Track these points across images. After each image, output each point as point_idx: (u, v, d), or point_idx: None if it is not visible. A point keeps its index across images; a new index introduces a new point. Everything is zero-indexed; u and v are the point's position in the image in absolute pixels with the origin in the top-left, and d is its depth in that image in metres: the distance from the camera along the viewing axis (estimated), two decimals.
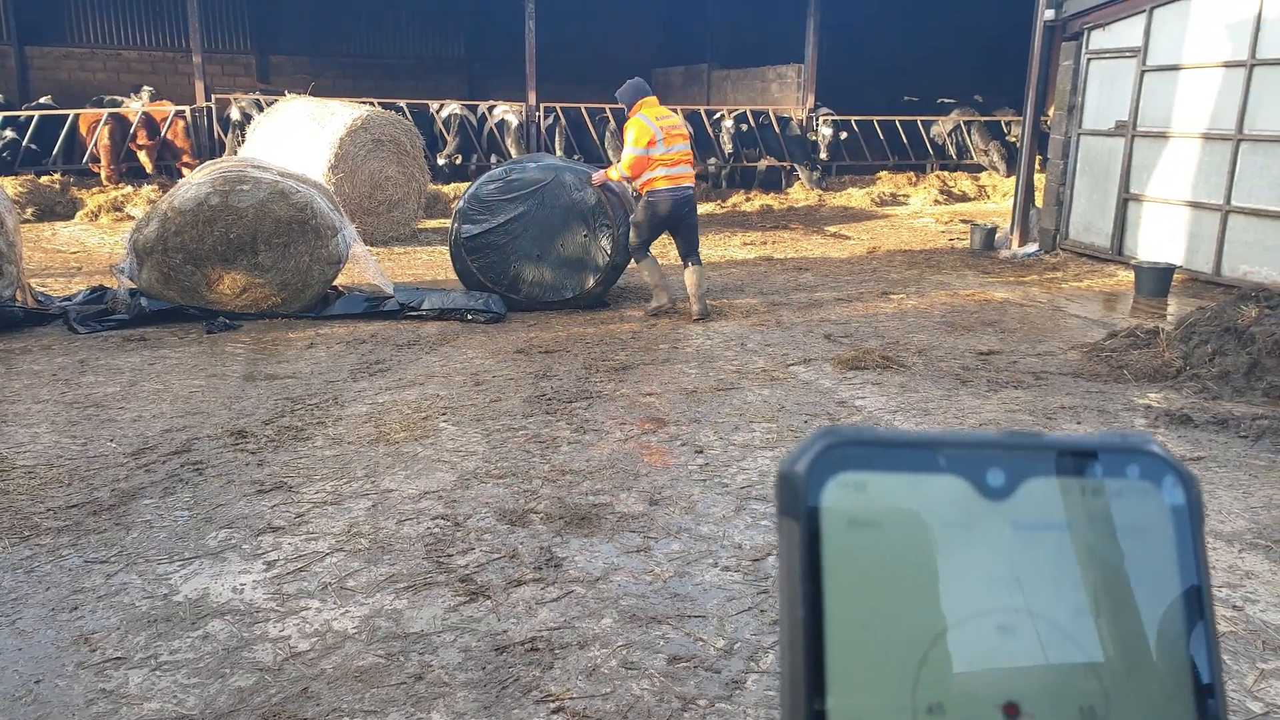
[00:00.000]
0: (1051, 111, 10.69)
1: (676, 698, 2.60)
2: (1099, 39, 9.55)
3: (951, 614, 0.34)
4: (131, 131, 12.52)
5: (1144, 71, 9.04)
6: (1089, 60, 9.70)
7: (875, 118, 15.88)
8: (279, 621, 2.98)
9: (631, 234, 7.07)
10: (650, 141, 6.75)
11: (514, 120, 13.97)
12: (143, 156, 12.57)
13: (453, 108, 14.08)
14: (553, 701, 2.58)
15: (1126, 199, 9.36)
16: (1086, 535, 0.35)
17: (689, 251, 7.07)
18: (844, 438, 0.35)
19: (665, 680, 2.68)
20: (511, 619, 2.98)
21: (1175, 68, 8.73)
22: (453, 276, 7.75)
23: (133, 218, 10.63)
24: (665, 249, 8.50)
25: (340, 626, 2.95)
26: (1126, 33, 9.20)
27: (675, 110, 15.24)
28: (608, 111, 14.55)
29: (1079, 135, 9.94)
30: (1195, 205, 8.60)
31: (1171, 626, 0.35)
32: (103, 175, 12.28)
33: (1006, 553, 0.34)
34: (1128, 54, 9.20)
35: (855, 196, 14.77)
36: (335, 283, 7.36)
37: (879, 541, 0.34)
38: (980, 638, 0.34)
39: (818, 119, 15.42)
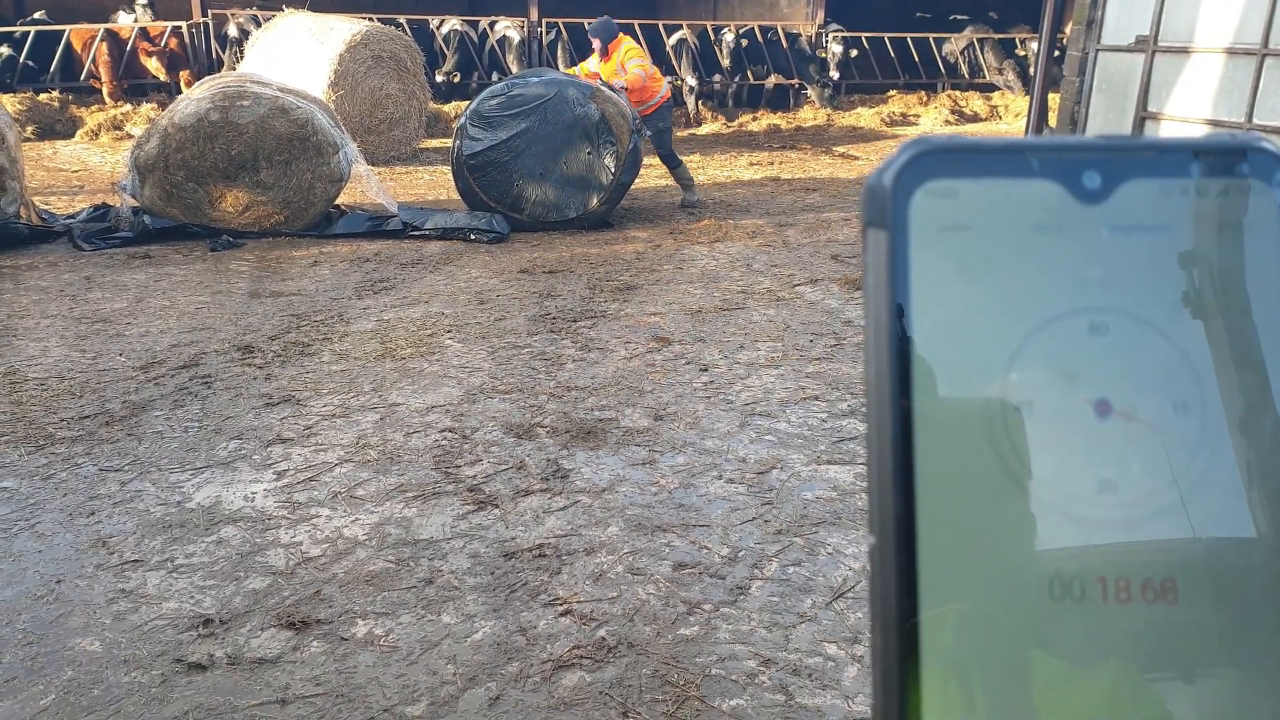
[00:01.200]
0: (1069, 27, 10.43)
1: (682, 602, 2.66)
2: None
3: (1042, 314, 0.33)
4: (131, 45, 12.28)
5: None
6: None
7: (886, 35, 15.50)
8: (290, 528, 3.04)
9: (668, 142, 8.22)
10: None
11: (515, 36, 13.66)
12: (154, 65, 12.32)
13: (453, 23, 13.76)
14: (560, 605, 2.65)
15: (1144, 118, 9.18)
16: (1189, 234, 0.34)
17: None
18: (933, 145, 0.34)
19: (670, 585, 2.74)
20: (520, 527, 3.04)
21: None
22: (455, 196, 7.68)
23: (133, 136, 10.51)
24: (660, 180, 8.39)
25: (351, 533, 3.01)
26: None
27: (681, 24, 14.90)
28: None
29: (1097, 51, 9.70)
30: (1215, 124, 8.43)
31: (1269, 325, 0.33)
32: (105, 92, 12.10)
33: (1101, 254, 0.33)
34: None
35: (865, 116, 14.51)
36: (338, 201, 7.30)
37: (970, 244, 0.33)
38: (1072, 337, 0.33)
39: (827, 35, 15.06)
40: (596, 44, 7.98)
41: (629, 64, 7.81)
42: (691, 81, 14.05)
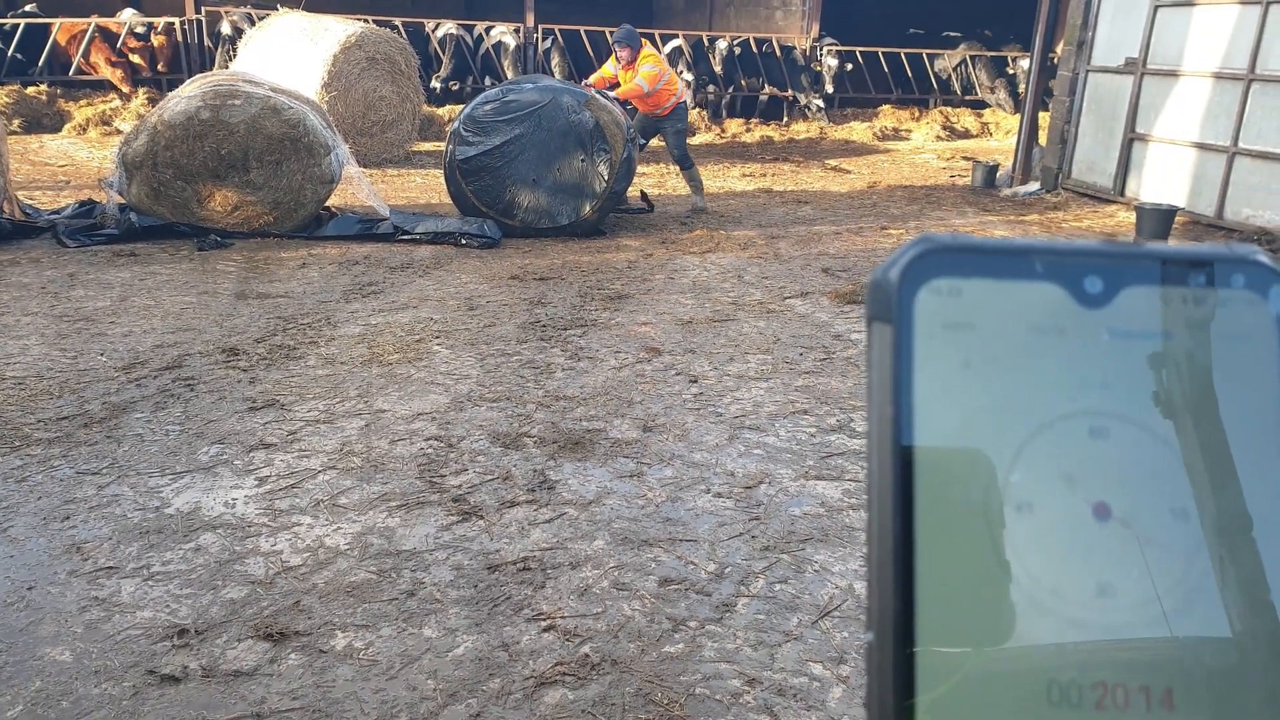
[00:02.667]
0: (1060, 47, 10.48)
1: (667, 619, 2.63)
2: None
3: (1043, 415, 0.33)
4: (121, 41, 12.20)
5: (1157, 6, 8.83)
6: (1099, 2, 9.47)
7: (880, 50, 15.56)
8: (271, 536, 2.99)
9: (683, 143, 8.46)
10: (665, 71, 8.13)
11: (511, 42, 13.64)
12: (135, 59, 12.25)
13: (448, 27, 13.72)
14: (544, 620, 2.61)
15: (1132, 139, 9.23)
16: (1187, 343, 0.34)
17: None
18: (938, 244, 0.34)
19: (656, 601, 2.70)
20: (504, 539, 3.00)
21: (1189, 3, 8.53)
22: (447, 200, 7.63)
23: (121, 131, 10.42)
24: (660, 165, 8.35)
25: (332, 542, 2.96)
26: None
27: (676, 34, 14.90)
28: (608, 35, 14.21)
29: (1087, 72, 9.76)
30: (1201, 146, 8.49)
31: (1271, 439, 0.34)
32: (116, 82, 11.97)
33: (1101, 358, 0.34)
34: None
35: (857, 130, 14.55)
36: (328, 203, 7.24)
37: (973, 343, 0.34)
38: (1072, 439, 0.33)
39: (822, 49, 15.09)
40: (625, 53, 7.96)
41: (641, 68, 7.93)
42: (686, 94, 14.05)
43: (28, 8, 13.60)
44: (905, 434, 0.33)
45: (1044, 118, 10.90)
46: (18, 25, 12.28)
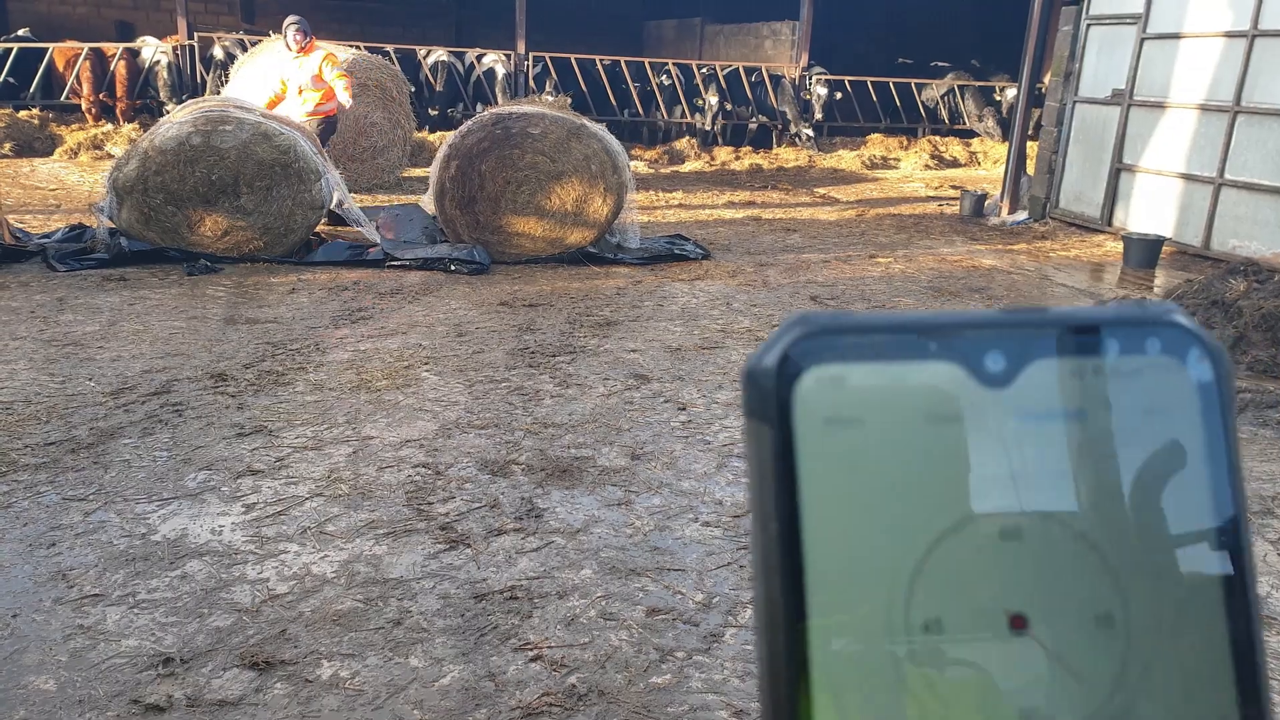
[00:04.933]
0: (1048, 78, 10.63)
1: (654, 649, 2.62)
2: (1099, 4, 9.47)
3: (947, 519, 0.30)
4: (111, 70, 12.26)
5: (1144, 39, 8.98)
6: (1089, 26, 9.62)
7: (869, 79, 15.74)
8: (258, 564, 2.98)
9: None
10: None
11: (501, 69, 13.75)
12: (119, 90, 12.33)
13: (439, 55, 13.84)
14: (531, 650, 2.60)
15: (1119, 169, 9.35)
16: (1101, 423, 0.31)
17: None
18: (817, 326, 0.30)
19: (644, 631, 2.70)
20: (491, 567, 2.99)
21: (1176, 36, 8.68)
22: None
23: (112, 156, 10.43)
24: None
25: (319, 570, 2.95)
26: None
27: (665, 63, 15.04)
28: (598, 62, 14.35)
29: (1074, 103, 9.90)
30: (1188, 177, 8.60)
31: (1199, 523, 0.31)
32: (83, 104, 12.04)
33: (1009, 447, 0.30)
34: (1128, 20, 9.13)
35: (846, 158, 14.69)
36: (318, 229, 7.27)
37: (862, 441, 0.30)
38: (981, 544, 0.30)
39: (811, 78, 15.27)
40: (300, 39, 8.11)
41: (331, 71, 8.23)
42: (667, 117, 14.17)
43: (20, 32, 13.66)
44: (793, 550, 0.29)
45: (1032, 147, 11.04)
46: (10, 49, 12.32)
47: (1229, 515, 0.31)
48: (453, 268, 6.92)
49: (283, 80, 8.27)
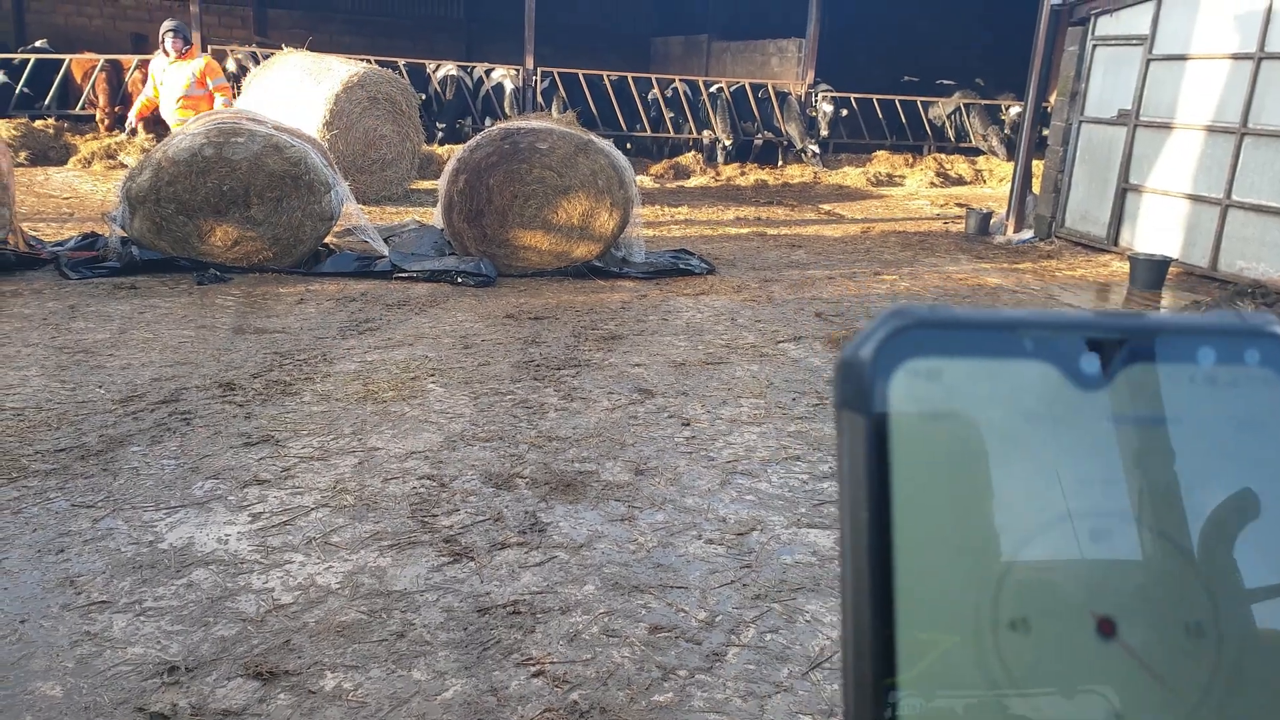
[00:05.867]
0: (1053, 98, 10.67)
1: (657, 666, 2.64)
2: (1106, 25, 9.51)
3: (1038, 518, 0.29)
4: (126, 81, 12.39)
5: (1150, 60, 9.02)
6: (1094, 46, 9.66)
7: (875, 96, 15.81)
8: (263, 573, 3.00)
9: None
10: None
11: (510, 84, 13.85)
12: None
13: (449, 69, 13.94)
14: (533, 665, 2.62)
15: (1125, 189, 9.38)
16: (1196, 430, 0.30)
17: None
18: (915, 319, 0.30)
19: (646, 649, 2.72)
20: (494, 581, 3.01)
21: (1182, 57, 8.72)
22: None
23: (125, 166, 10.51)
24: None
25: (324, 581, 2.97)
26: (1134, 20, 9.17)
27: (673, 79, 15.13)
28: (605, 78, 14.44)
29: (1080, 123, 9.93)
30: (1195, 198, 8.62)
31: None
32: (98, 115, 12.15)
33: (1102, 449, 0.30)
34: (1134, 41, 9.17)
35: (851, 175, 14.73)
36: (326, 240, 7.32)
37: (955, 436, 0.30)
38: (1071, 545, 0.30)
39: (817, 95, 15.34)
40: (178, 44, 8.22)
41: (214, 82, 8.37)
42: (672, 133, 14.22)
43: (38, 43, 13.80)
44: (883, 543, 0.29)
45: (1038, 166, 11.07)
46: (28, 60, 12.45)
47: None
48: (459, 280, 6.96)
49: (155, 85, 8.41)
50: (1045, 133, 10.78)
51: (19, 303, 5.85)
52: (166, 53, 8.27)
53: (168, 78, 8.31)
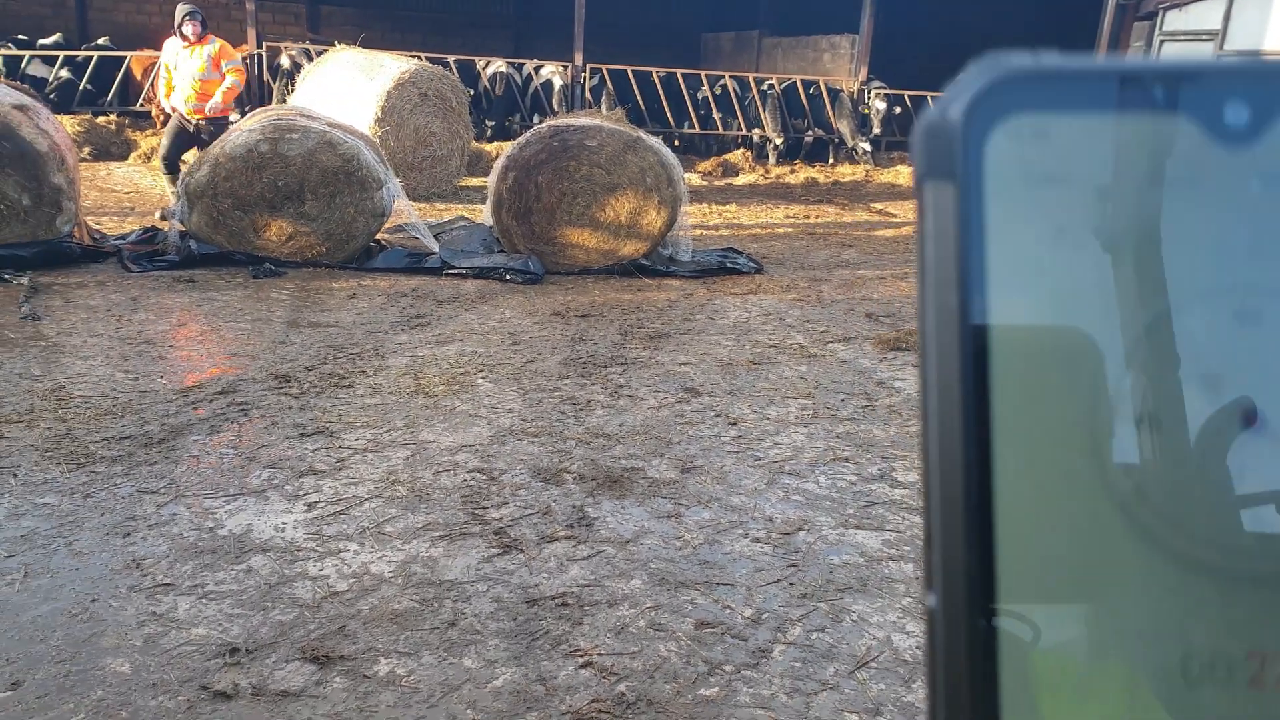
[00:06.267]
0: None
1: (703, 661, 2.66)
2: (1174, 20, 9.31)
3: (1172, 295, 0.26)
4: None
5: (1220, 56, 8.82)
6: (1162, 43, 9.46)
7: (928, 93, 15.62)
8: (318, 561, 3.08)
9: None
10: None
11: (559, 81, 13.93)
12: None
13: (498, 65, 14.06)
14: (581, 656, 2.66)
15: None
16: None
17: None
18: (1015, 69, 0.26)
19: (692, 644, 2.74)
20: (543, 574, 3.06)
21: (1255, 53, 8.52)
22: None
23: (183, 161, 10.78)
24: None
25: (377, 570, 3.04)
26: (1205, 14, 8.96)
27: (722, 75, 15.09)
28: (654, 75, 14.45)
29: None
30: None
31: None
32: (154, 110, 12.47)
33: (1250, 215, 0.26)
34: (1204, 37, 8.96)
35: (904, 174, 14.59)
36: (378, 236, 7.44)
37: (1069, 203, 0.26)
38: (1211, 325, 0.26)
39: (870, 92, 15.21)
40: (197, 28, 8.09)
41: (228, 64, 8.18)
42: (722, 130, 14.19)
43: (100, 41, 14.18)
44: (977, 329, 0.25)
45: None
46: (90, 58, 12.81)
47: None
48: (508, 277, 7.03)
49: (170, 68, 8.29)
50: None
51: (84, 294, 6.04)
52: (185, 37, 8.19)
53: (181, 61, 8.21)
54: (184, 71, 8.17)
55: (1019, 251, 0.25)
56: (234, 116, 8.66)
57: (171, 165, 8.23)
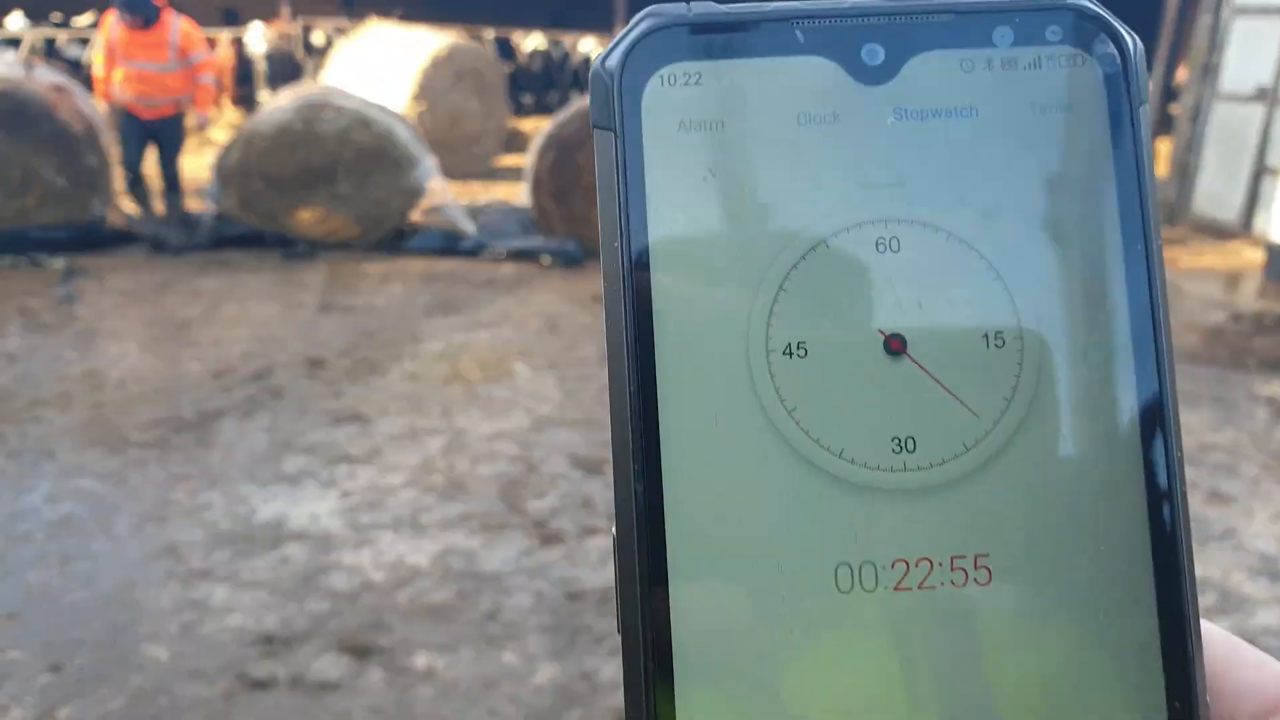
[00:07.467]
0: (1181, 72, 10.13)
1: None
2: None
3: (816, 229, 0.27)
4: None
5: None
6: (1232, 16, 9.10)
7: None
8: (354, 550, 3.03)
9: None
10: None
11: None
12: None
13: (536, 40, 13.94)
14: None
15: (1261, 172, 8.84)
16: (997, 119, 0.28)
17: None
18: (668, 17, 0.27)
19: None
20: (585, 567, 2.99)
21: None
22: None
23: (215, 142, 10.78)
24: None
25: (413, 561, 2.99)
26: None
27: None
28: None
29: (1213, 100, 9.39)
30: None
31: (1100, 229, 0.27)
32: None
33: (888, 149, 0.28)
34: (1276, 11, 8.61)
35: None
36: (412, 217, 7.38)
37: (720, 145, 0.27)
38: (853, 256, 0.27)
39: None
40: (135, 20, 6.42)
41: (196, 53, 6.72)
42: None
43: None
44: (641, 269, 0.27)
45: (1164, 145, 10.51)
46: None
47: (1136, 216, 0.27)
48: (546, 260, 6.95)
49: (111, 47, 6.73)
50: (1173, 110, 10.25)
51: (117, 278, 6.04)
52: (127, 25, 6.54)
53: (133, 48, 6.60)
54: (138, 61, 6.59)
55: (674, 196, 0.27)
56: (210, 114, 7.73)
57: (136, 178, 6.90)
